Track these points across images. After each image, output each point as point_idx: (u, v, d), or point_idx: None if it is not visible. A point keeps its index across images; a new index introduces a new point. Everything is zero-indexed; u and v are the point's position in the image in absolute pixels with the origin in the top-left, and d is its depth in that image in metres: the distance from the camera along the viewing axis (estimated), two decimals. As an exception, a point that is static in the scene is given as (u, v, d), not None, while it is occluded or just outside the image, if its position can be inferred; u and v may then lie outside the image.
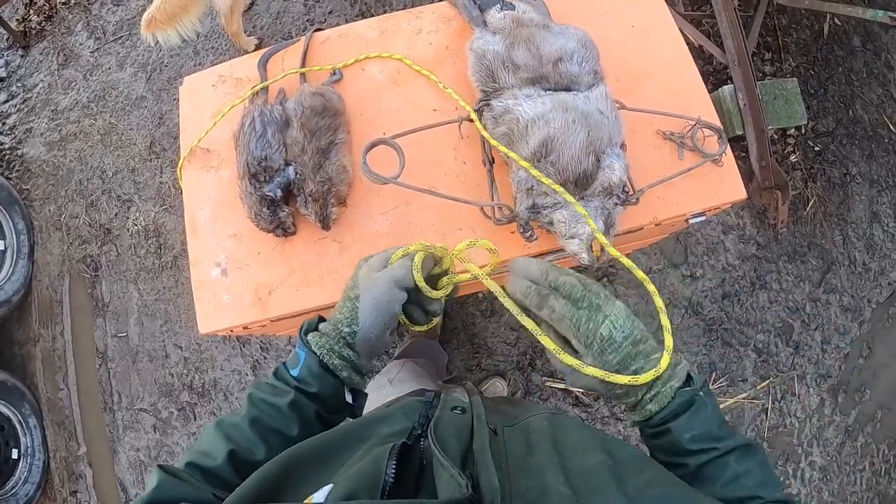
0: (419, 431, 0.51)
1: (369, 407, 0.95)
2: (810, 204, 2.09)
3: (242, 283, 1.13)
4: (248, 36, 2.23)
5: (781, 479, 1.95)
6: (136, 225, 2.08)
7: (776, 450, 1.96)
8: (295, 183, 1.08)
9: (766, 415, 1.97)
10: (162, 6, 1.78)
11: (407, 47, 1.25)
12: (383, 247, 1.12)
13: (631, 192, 1.04)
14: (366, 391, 0.70)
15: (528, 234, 1.02)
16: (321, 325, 0.64)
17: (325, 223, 1.07)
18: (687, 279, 2.00)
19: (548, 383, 1.94)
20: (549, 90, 1.06)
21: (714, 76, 2.11)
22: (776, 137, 2.09)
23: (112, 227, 2.10)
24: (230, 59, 2.28)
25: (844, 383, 2.01)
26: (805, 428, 1.98)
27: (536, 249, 1.10)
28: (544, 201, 1.01)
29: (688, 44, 1.30)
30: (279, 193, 1.07)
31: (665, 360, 0.57)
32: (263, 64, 1.25)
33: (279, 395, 0.59)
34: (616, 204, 0.99)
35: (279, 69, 1.26)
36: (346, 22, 2.32)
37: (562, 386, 1.93)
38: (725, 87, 1.90)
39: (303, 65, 1.23)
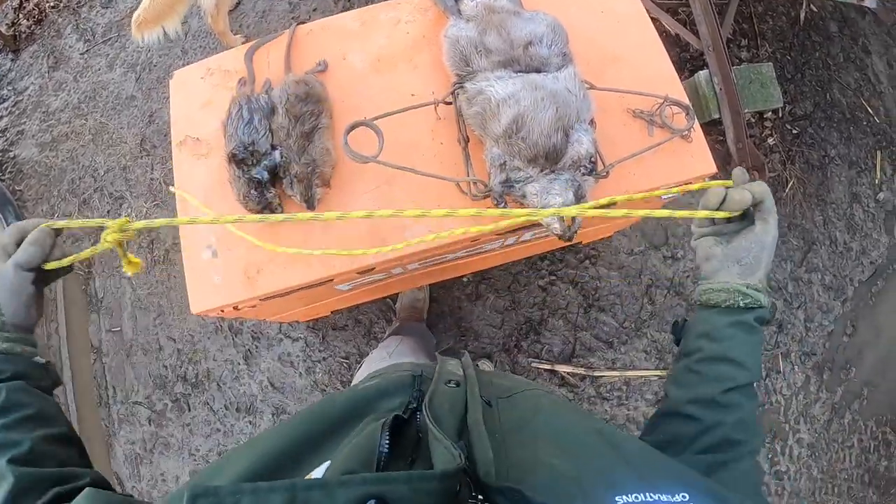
0: (415, 405, 0.53)
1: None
2: (789, 185, 2.17)
3: (232, 263, 1.20)
4: (235, 34, 2.31)
5: (770, 456, 2.02)
6: (128, 222, 2.15)
7: (764, 427, 2.03)
8: (281, 166, 1.16)
9: (753, 393, 2.04)
10: (150, 6, 1.87)
11: (386, 36, 1.33)
12: (366, 225, 1.20)
13: (601, 166, 1.12)
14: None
15: (502, 206, 1.10)
16: None
17: (310, 203, 1.15)
18: (668, 260, 2.07)
19: (534, 364, 2.01)
20: (519, 72, 1.14)
21: (691, 63, 2.20)
22: (753, 121, 2.18)
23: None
24: (218, 57, 2.39)
25: (829, 361, 2.09)
26: (791, 405, 2.05)
27: (511, 221, 1.17)
28: (517, 175, 1.09)
29: (663, 32, 1.39)
30: (266, 176, 1.14)
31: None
32: (250, 57, 1.33)
33: None
34: (584, 174, 1.07)
35: (265, 61, 1.34)
36: (331, 18, 2.41)
37: (547, 367, 2.01)
38: (701, 72, 1.98)
39: (287, 54, 1.31)
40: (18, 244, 0.68)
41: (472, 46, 1.16)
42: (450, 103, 1.20)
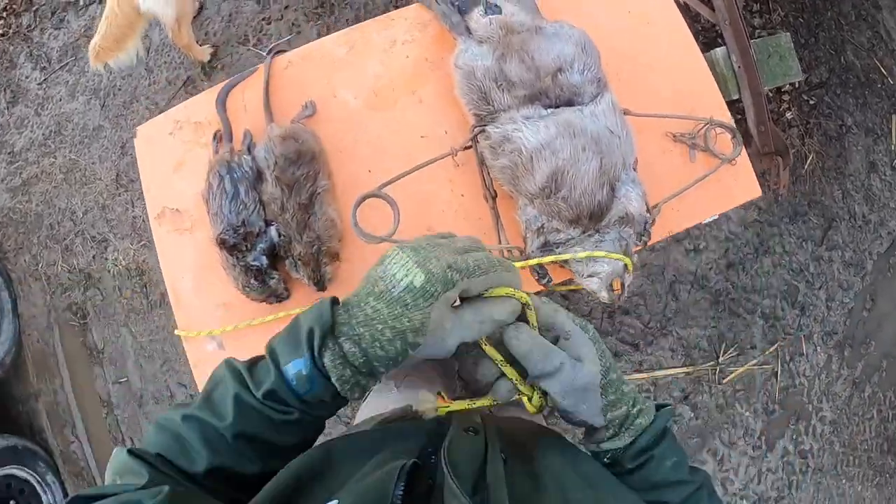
0: (430, 449, 0.46)
1: (375, 410, 0.84)
2: (808, 161, 1.97)
3: (242, 354, 1.00)
4: (201, 45, 1.99)
5: (794, 437, 1.94)
6: (116, 265, 1.91)
7: (788, 410, 1.94)
8: (280, 245, 0.94)
9: (777, 378, 1.93)
10: (107, 33, 1.59)
11: (381, 63, 1.07)
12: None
13: (651, 222, 0.91)
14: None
15: (544, 279, 0.90)
16: (344, 344, 0.45)
17: (320, 285, 0.94)
18: (690, 253, 1.90)
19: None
20: (549, 107, 0.91)
21: (703, 34, 1.94)
22: (771, 96, 1.95)
23: (91, 270, 1.93)
24: (185, 72, 2.08)
25: (850, 337, 1.97)
26: (814, 386, 1.95)
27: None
28: (556, 238, 0.88)
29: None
30: (265, 261, 0.93)
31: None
32: (222, 104, 1.07)
33: (278, 413, 0.46)
34: (638, 233, 0.87)
35: (240, 106, 1.08)
36: (305, 16, 2.08)
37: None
38: (718, 49, 1.72)
39: (266, 97, 1.05)
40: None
41: (490, 79, 0.92)
42: (469, 147, 0.97)
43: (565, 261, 0.88)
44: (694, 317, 1.91)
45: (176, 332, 1.05)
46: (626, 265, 0.87)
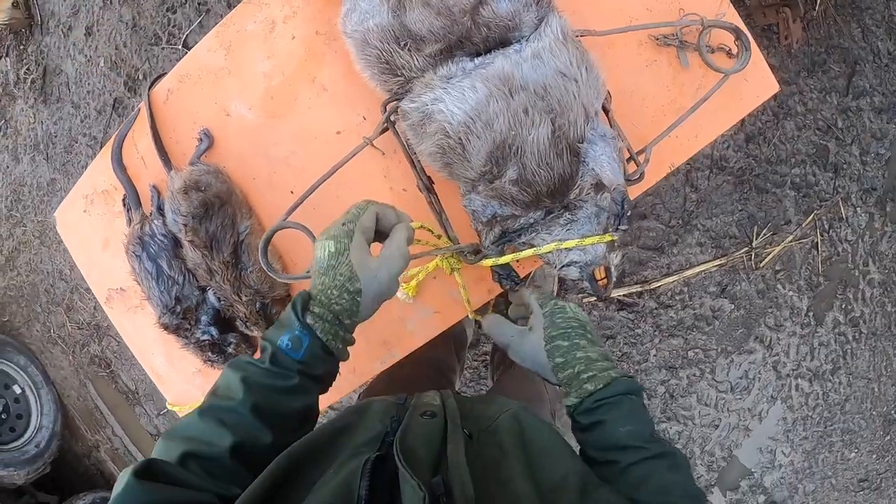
0: (391, 438, 0.47)
1: None
2: (819, 0, 1.59)
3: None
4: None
5: (843, 306, 1.75)
6: (120, 313, 1.84)
7: (833, 280, 1.74)
8: (223, 308, 0.79)
9: (818, 249, 1.72)
10: None
11: (266, 56, 0.84)
12: (360, 331, 0.84)
13: (631, 168, 0.69)
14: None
15: (508, 280, 0.71)
16: (315, 309, 0.56)
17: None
18: (701, 138, 1.63)
19: (585, 299, 1.73)
20: (477, 54, 0.67)
21: None
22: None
23: (98, 321, 1.88)
24: (111, 95, 1.84)
25: (890, 190, 1.71)
26: (858, 249, 1.73)
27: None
28: (515, 225, 0.68)
29: None
30: (215, 332, 0.80)
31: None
32: (118, 162, 0.90)
33: (282, 379, 0.54)
34: (614, 214, 0.65)
35: (138, 159, 0.89)
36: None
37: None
38: None
39: (157, 142, 0.85)
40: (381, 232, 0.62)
41: (390, 41, 0.69)
42: (386, 129, 0.75)
43: (530, 248, 0.69)
44: (718, 204, 1.68)
45: (167, 406, 1.00)
46: (610, 243, 0.67)
